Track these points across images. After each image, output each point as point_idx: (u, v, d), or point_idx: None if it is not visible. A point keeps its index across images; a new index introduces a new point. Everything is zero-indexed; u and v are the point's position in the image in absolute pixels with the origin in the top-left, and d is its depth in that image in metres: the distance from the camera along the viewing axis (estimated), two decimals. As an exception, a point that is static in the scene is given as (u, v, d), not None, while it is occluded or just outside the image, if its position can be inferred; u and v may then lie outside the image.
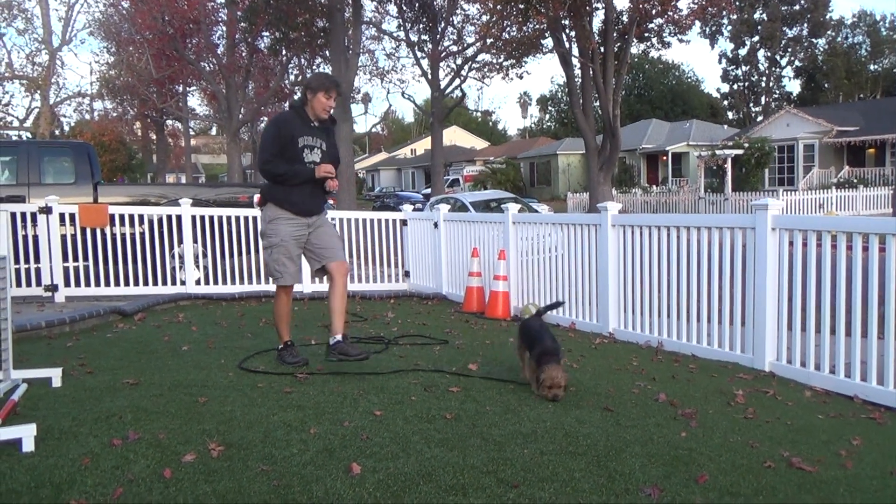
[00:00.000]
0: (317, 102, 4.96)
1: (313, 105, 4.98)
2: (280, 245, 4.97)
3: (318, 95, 4.95)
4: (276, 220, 4.98)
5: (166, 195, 10.83)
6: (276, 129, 4.95)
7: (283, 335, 5.22)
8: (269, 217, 5.01)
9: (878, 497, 3.00)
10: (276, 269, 5.00)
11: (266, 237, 5.05)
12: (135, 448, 3.23)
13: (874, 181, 31.05)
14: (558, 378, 4.26)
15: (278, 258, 4.97)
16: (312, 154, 4.99)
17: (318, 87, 4.96)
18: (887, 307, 4.52)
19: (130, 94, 37.84)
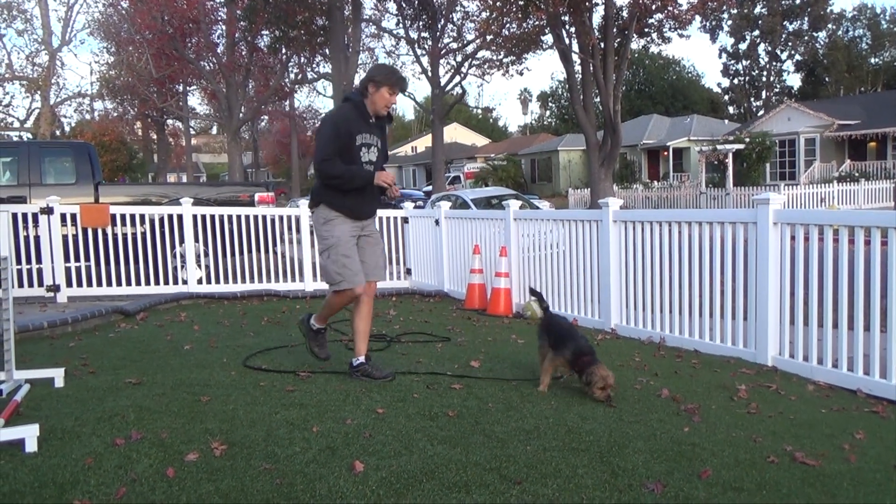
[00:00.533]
0: (379, 97, 4.59)
1: (374, 99, 4.59)
2: (338, 245, 4.57)
3: (381, 90, 4.57)
4: (331, 220, 4.60)
5: (167, 195, 10.84)
6: (334, 129, 4.53)
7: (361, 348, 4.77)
8: (324, 218, 4.62)
9: (882, 490, 3.00)
10: (336, 272, 4.55)
11: (322, 239, 4.64)
12: (137, 447, 3.23)
13: (876, 175, 31.00)
14: (609, 378, 4.16)
15: (337, 259, 4.56)
16: (370, 153, 4.64)
17: (383, 81, 4.58)
18: (889, 300, 4.51)
19: (131, 93, 37.88)
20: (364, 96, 4.62)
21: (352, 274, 4.57)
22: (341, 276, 4.56)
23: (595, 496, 2.86)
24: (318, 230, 4.69)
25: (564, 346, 4.43)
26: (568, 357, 4.37)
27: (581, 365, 4.27)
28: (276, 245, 10.02)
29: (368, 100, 4.61)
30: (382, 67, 4.76)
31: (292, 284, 9.68)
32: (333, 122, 4.61)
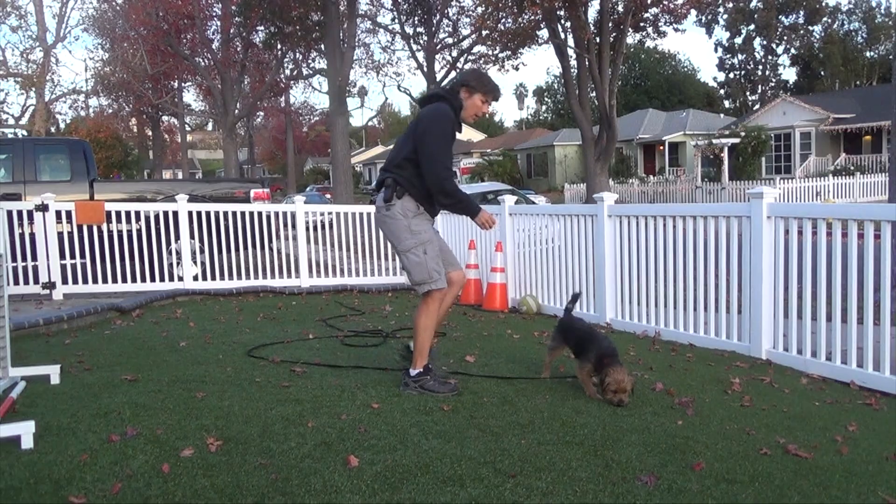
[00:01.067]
0: (472, 105, 4.32)
1: (468, 107, 4.32)
2: (431, 242, 4.22)
3: (475, 97, 4.31)
4: (420, 214, 4.24)
5: (163, 191, 10.83)
6: (450, 125, 4.20)
7: (423, 354, 4.25)
8: (411, 211, 4.21)
9: (874, 482, 3.02)
10: (434, 270, 4.17)
11: (414, 234, 4.19)
12: (133, 444, 3.24)
13: (871, 168, 31.09)
14: (624, 382, 3.95)
15: (433, 256, 4.19)
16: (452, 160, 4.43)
17: (479, 88, 4.30)
18: (883, 293, 4.53)
19: (126, 90, 37.78)
20: (456, 100, 4.30)
21: (443, 276, 4.24)
22: (438, 274, 4.20)
23: (588, 489, 2.88)
24: (406, 223, 4.19)
25: (588, 351, 4.24)
26: (593, 362, 4.17)
27: (601, 367, 4.09)
28: (271, 241, 10.03)
29: (462, 105, 4.32)
30: (478, 73, 4.46)
31: (288, 281, 9.69)
32: (450, 123, 4.22)
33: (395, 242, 4.27)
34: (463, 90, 4.30)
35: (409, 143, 4.25)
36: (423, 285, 4.19)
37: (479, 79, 4.36)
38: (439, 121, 4.18)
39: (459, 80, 4.38)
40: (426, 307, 4.22)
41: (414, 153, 4.20)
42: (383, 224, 4.31)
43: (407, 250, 4.21)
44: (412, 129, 4.28)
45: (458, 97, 4.30)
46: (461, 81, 4.35)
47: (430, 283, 4.18)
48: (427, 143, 4.13)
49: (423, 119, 4.21)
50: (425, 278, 4.17)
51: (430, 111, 4.22)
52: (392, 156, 4.35)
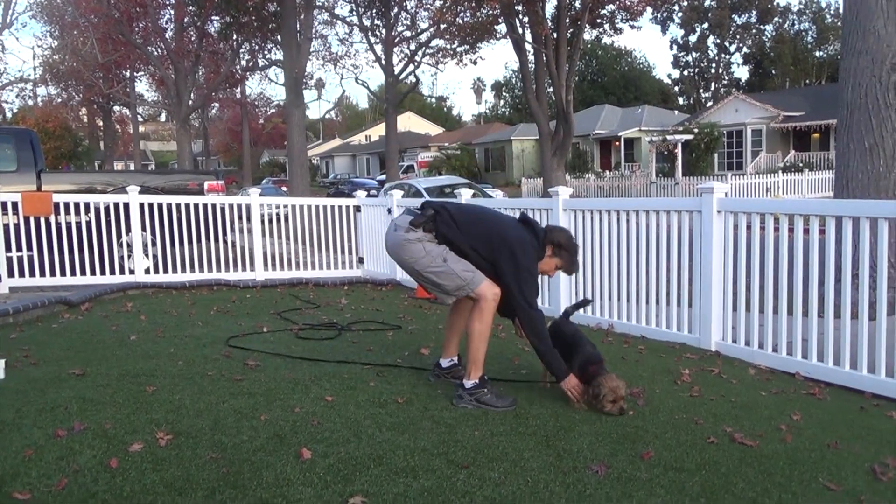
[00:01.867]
0: (547, 265, 4.08)
1: (546, 262, 4.06)
2: (448, 250, 3.97)
3: (554, 261, 4.06)
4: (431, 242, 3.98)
5: (113, 183, 10.61)
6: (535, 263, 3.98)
7: (480, 365, 3.96)
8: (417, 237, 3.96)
9: (816, 468, 3.10)
10: (465, 271, 3.92)
11: (429, 252, 3.94)
12: (80, 439, 3.18)
13: (819, 165, 31.85)
14: (619, 389, 3.71)
15: (457, 259, 3.95)
16: None
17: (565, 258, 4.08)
18: (827, 287, 4.66)
19: (75, 79, 36.87)
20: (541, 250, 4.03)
21: (477, 272, 3.96)
22: (472, 273, 3.93)
23: (540, 479, 2.91)
24: (422, 245, 3.95)
25: (573, 357, 3.99)
26: (576, 371, 3.91)
27: (588, 376, 3.84)
28: (226, 234, 9.90)
29: (541, 256, 4.04)
30: (572, 245, 4.13)
31: (243, 274, 9.58)
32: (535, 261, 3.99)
33: (412, 263, 4.02)
34: (552, 248, 4.03)
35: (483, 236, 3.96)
36: (461, 290, 3.96)
37: (570, 250, 4.09)
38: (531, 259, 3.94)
39: (555, 237, 4.07)
40: (479, 311, 3.94)
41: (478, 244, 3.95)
42: (397, 245, 4.05)
43: (427, 266, 3.96)
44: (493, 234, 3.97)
45: (544, 248, 4.03)
46: (556, 241, 4.05)
47: (468, 285, 3.92)
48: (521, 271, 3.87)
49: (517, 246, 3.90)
50: (459, 283, 3.93)
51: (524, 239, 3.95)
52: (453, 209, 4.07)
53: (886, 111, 6.16)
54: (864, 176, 6.28)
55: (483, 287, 3.92)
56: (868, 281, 4.46)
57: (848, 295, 4.59)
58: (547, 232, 4.09)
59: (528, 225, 4.08)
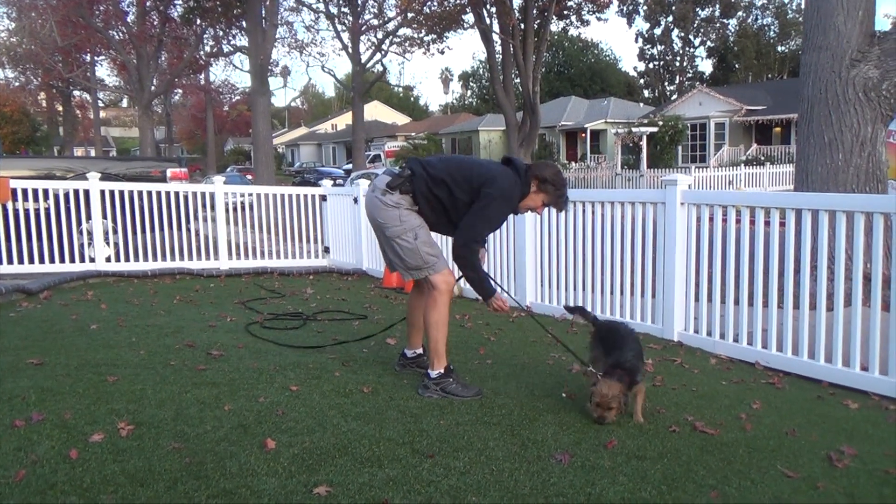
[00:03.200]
0: (533, 201, 4.04)
1: (529, 197, 4.01)
2: (422, 226, 3.98)
3: (539, 195, 4.01)
4: (412, 212, 3.99)
5: (73, 169, 10.40)
6: (508, 211, 4.02)
7: (443, 355, 3.97)
8: (406, 206, 3.96)
9: (774, 456, 3.17)
10: (430, 255, 3.95)
11: (403, 221, 3.93)
12: (38, 429, 3.12)
13: (780, 159, 32.39)
14: (608, 397, 3.45)
15: (427, 241, 3.97)
16: None
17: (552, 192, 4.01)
18: (786, 278, 4.74)
19: (34, 62, 36.00)
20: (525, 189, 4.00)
21: (443, 258, 4.03)
22: (435, 258, 3.97)
23: (505, 467, 2.93)
24: (398, 212, 3.94)
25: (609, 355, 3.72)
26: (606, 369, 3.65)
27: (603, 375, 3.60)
28: (189, 222, 9.77)
29: (526, 193, 4.01)
30: (558, 176, 4.04)
31: (206, 262, 9.47)
32: (510, 204, 3.97)
33: (384, 228, 3.98)
34: (536, 183, 3.98)
35: (463, 178, 3.93)
36: (420, 271, 3.96)
37: (557, 184, 4.00)
38: (505, 200, 3.91)
39: (540, 171, 4.00)
40: (433, 301, 3.94)
41: (459, 190, 3.91)
42: (374, 207, 4.02)
43: (396, 236, 3.94)
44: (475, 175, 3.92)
45: (528, 184, 3.98)
46: (541, 175, 3.98)
47: (428, 268, 3.94)
48: (480, 210, 3.85)
49: (495, 186, 3.86)
50: (420, 263, 3.94)
51: (505, 185, 3.90)
52: (436, 162, 4.04)
53: (846, 106, 6.28)
54: (823, 169, 6.40)
55: (439, 277, 3.94)
56: (826, 273, 4.55)
57: (807, 286, 4.68)
58: (531, 167, 4.03)
59: (510, 163, 4.05)
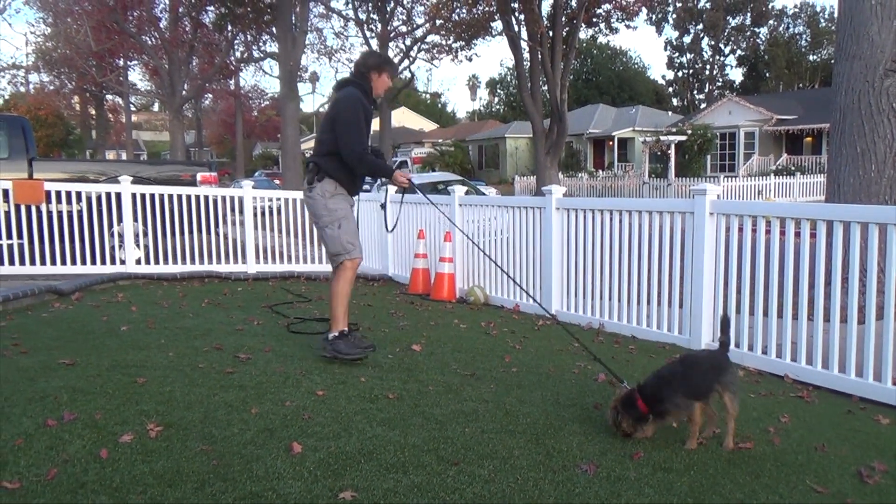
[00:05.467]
0: (381, 84, 4.81)
1: (377, 86, 4.81)
2: (347, 217, 4.74)
3: (384, 76, 4.80)
4: (337, 195, 4.72)
5: (105, 172, 10.56)
6: (362, 107, 4.64)
7: (339, 320, 4.71)
8: (329, 192, 4.70)
9: (803, 471, 3.13)
10: (348, 242, 4.69)
11: (330, 211, 4.70)
12: (70, 428, 3.17)
13: (811, 169, 31.97)
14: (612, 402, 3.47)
15: (348, 229, 4.71)
16: (369, 138, 4.82)
17: (384, 68, 4.80)
18: (817, 290, 4.69)
19: (68, 67, 36.55)
20: (366, 81, 4.76)
21: (359, 247, 4.79)
22: (352, 244, 4.71)
23: (530, 477, 2.92)
24: (324, 202, 4.70)
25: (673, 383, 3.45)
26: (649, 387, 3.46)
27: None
28: (218, 226, 9.87)
29: (371, 85, 4.78)
30: (378, 55, 4.96)
31: (234, 266, 9.56)
32: (361, 103, 4.65)
33: (316, 220, 4.78)
34: (372, 73, 4.77)
35: (327, 129, 4.68)
36: (339, 256, 4.71)
37: (382, 59, 4.85)
38: (350, 106, 4.63)
39: (365, 65, 4.80)
40: (342, 274, 4.74)
41: (332, 138, 4.64)
42: (307, 205, 4.81)
43: (325, 226, 4.72)
44: (328, 115, 4.73)
45: (368, 80, 4.76)
46: (368, 66, 4.78)
47: (345, 255, 4.69)
48: (341, 130, 4.60)
49: (336, 105, 4.69)
50: (339, 250, 4.70)
51: (342, 98, 4.70)
52: (315, 142, 4.83)
53: (879, 116, 6.19)
54: (855, 181, 6.31)
55: (351, 262, 4.73)
56: (857, 285, 4.49)
57: (837, 299, 4.62)
58: (360, 67, 4.81)
59: (348, 82, 4.81)
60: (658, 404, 3.34)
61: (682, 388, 3.34)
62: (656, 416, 3.36)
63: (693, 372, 3.45)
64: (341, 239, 4.70)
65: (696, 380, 3.40)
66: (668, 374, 3.47)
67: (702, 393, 3.37)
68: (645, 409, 3.34)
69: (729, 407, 3.36)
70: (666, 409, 3.35)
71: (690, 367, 3.52)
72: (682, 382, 3.37)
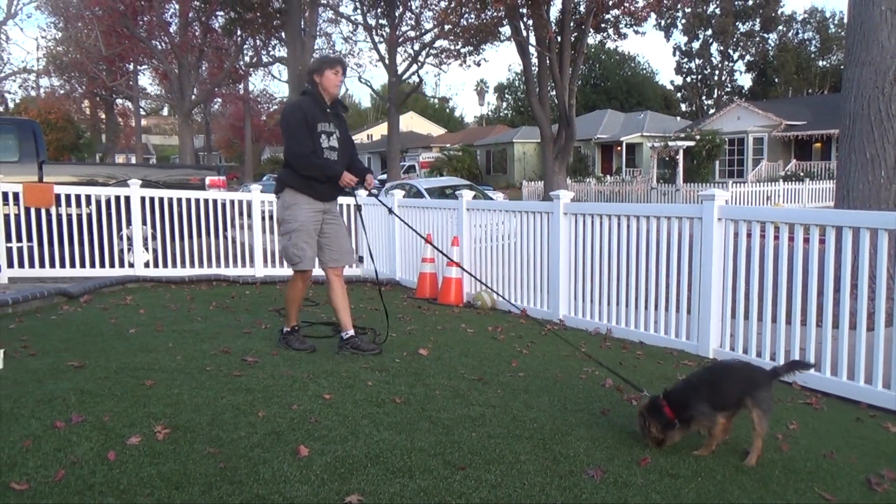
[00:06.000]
0: (327, 81, 4.96)
1: (325, 86, 4.97)
2: (299, 230, 4.95)
3: (326, 74, 4.95)
4: (295, 205, 4.97)
5: (115, 176, 10.61)
6: (302, 114, 4.87)
7: (291, 319, 5.22)
8: (288, 203, 4.98)
9: (812, 478, 3.11)
10: (296, 254, 4.98)
11: (285, 222, 5.01)
12: (78, 430, 3.18)
13: (820, 175, 31.86)
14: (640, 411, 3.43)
15: (297, 242, 4.96)
16: (330, 140, 4.99)
17: (323, 67, 4.98)
18: (826, 297, 4.67)
19: (79, 71, 36.80)
20: (316, 86, 4.98)
21: (309, 259, 5.01)
22: (300, 258, 4.97)
23: (536, 482, 2.92)
24: (282, 214, 5.02)
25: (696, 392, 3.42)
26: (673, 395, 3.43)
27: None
28: (226, 229, 9.90)
29: (320, 88, 4.97)
30: (316, 60, 5.24)
31: (242, 270, 9.59)
32: (300, 108, 4.91)
33: (279, 225, 5.11)
34: (315, 76, 4.98)
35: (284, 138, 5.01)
36: (289, 262, 5.09)
37: (321, 60, 5.07)
38: (289, 113, 4.99)
39: (308, 71, 5.10)
40: (292, 283, 5.20)
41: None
42: (277, 210, 5.13)
43: (281, 234, 5.08)
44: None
45: (315, 85, 4.98)
46: (310, 71, 5.06)
47: (291, 261, 5.05)
48: (284, 138, 4.96)
49: (283, 116, 5.07)
50: (289, 256, 5.04)
51: (284, 108, 5.23)
52: None
53: (888, 122, 6.17)
54: (865, 187, 6.29)
55: (300, 274, 5.09)
56: (867, 292, 4.48)
57: (846, 305, 4.60)
58: (306, 76, 5.11)
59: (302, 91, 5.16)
60: (684, 411, 3.28)
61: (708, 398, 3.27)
62: (682, 423, 3.30)
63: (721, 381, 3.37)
64: (288, 251, 5.02)
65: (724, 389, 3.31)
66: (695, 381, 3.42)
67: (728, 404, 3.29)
68: (672, 415, 3.29)
69: (757, 425, 3.23)
70: (691, 417, 3.29)
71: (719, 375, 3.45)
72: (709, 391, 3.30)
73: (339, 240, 5.17)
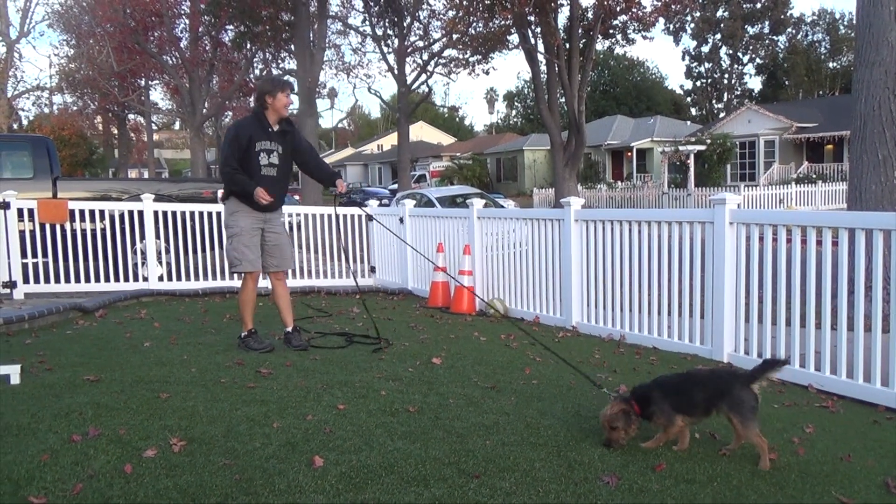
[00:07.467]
0: (279, 102, 5.33)
1: (276, 107, 5.34)
2: (239, 235, 5.36)
3: (279, 96, 5.31)
4: (237, 212, 5.38)
5: (128, 190, 10.70)
6: (234, 133, 5.30)
7: (247, 323, 5.53)
8: (231, 210, 5.42)
9: (828, 482, 3.09)
10: (235, 258, 5.39)
11: (228, 228, 5.45)
12: (95, 444, 3.21)
13: (832, 177, 31.69)
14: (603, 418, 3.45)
15: (237, 247, 5.37)
16: (270, 157, 5.36)
17: (276, 89, 5.31)
18: (840, 299, 4.64)
19: (91, 87, 37.12)
20: (264, 107, 5.35)
21: (248, 261, 5.40)
22: (239, 261, 5.38)
23: (551, 489, 2.92)
24: (226, 220, 5.47)
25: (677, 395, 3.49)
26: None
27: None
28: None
29: (269, 110, 5.35)
30: (267, 79, 5.80)
31: (255, 282, 9.61)
32: (235, 128, 5.37)
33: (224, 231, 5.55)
34: (266, 98, 5.32)
35: None
36: (234, 267, 5.48)
37: (272, 83, 5.40)
38: (226, 133, 5.43)
39: (258, 93, 5.44)
40: (242, 286, 5.55)
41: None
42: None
43: (225, 238, 5.54)
44: None
45: (264, 105, 5.34)
46: (261, 93, 5.39)
47: (235, 267, 5.45)
48: (220, 153, 5.48)
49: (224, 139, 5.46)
50: (232, 260, 5.44)
51: (227, 132, 5.44)
52: None
53: (900, 123, 6.14)
54: (877, 188, 6.26)
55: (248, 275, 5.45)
56: (881, 293, 4.45)
57: (861, 307, 4.57)
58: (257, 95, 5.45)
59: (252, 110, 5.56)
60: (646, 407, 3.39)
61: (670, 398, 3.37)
62: (646, 417, 3.40)
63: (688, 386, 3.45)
64: (229, 254, 5.47)
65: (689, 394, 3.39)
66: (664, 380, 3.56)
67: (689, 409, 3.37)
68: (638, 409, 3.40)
69: (739, 431, 3.29)
70: (652, 412, 3.39)
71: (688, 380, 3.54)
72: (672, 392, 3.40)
73: (279, 248, 5.55)
